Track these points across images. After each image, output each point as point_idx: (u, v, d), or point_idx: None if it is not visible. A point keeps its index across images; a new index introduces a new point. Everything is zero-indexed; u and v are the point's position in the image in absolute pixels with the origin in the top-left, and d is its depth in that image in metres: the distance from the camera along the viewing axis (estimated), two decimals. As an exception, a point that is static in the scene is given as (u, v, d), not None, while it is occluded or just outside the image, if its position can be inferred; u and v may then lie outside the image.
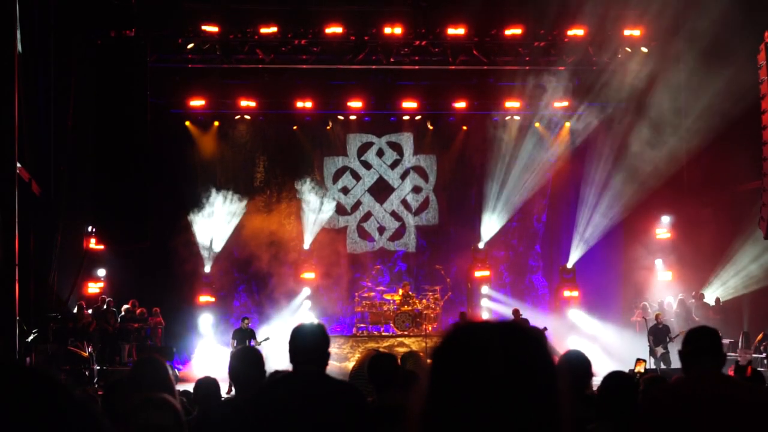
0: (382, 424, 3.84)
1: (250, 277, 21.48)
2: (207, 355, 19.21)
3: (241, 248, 21.54)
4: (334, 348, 16.28)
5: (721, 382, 3.53)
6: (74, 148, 15.81)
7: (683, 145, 20.02)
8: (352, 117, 22.03)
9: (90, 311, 17.49)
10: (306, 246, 21.68)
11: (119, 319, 18.23)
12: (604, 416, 4.20)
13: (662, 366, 16.51)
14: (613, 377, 4.44)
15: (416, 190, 22.68)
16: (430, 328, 19.61)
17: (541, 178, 22.08)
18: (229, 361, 4.24)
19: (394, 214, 22.61)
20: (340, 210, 22.40)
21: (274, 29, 18.39)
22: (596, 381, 4.58)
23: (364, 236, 22.52)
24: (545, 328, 13.69)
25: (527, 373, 1.33)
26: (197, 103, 20.76)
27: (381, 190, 22.62)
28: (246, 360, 4.19)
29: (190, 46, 18.75)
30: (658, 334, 17.16)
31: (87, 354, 15.81)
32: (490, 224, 21.89)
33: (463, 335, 1.40)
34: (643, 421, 3.59)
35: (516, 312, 18.25)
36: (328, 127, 22.07)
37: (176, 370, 17.34)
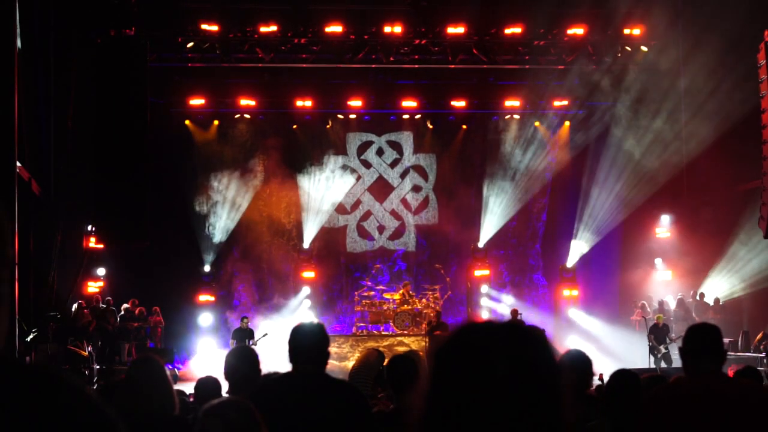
0: (401, 426, 3.83)
1: (250, 277, 21.48)
2: (207, 355, 19.21)
3: (241, 247, 21.55)
4: (334, 347, 16.31)
5: (722, 381, 3.53)
6: (74, 148, 15.80)
7: (683, 144, 20.01)
8: (352, 116, 22.03)
9: (87, 311, 17.48)
10: (306, 245, 21.68)
11: (119, 319, 18.22)
12: (610, 414, 4.20)
13: (663, 365, 16.51)
14: (619, 376, 4.44)
15: (416, 189, 22.67)
16: (429, 328, 19.60)
17: (541, 178, 22.08)
18: (225, 359, 4.24)
19: (393, 213, 22.61)
20: (339, 209, 22.39)
21: (273, 28, 18.38)
22: (596, 380, 4.58)
23: (364, 235, 22.51)
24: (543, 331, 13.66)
25: (531, 373, 1.32)
26: (197, 102, 20.76)
27: (381, 189, 22.61)
28: (241, 359, 4.18)
29: (190, 45, 18.73)
30: (659, 334, 17.16)
31: (87, 353, 15.80)
32: (490, 223, 21.88)
33: (467, 335, 1.39)
34: (644, 421, 3.59)
35: (514, 312, 18.24)
36: (327, 126, 22.06)
37: (176, 370, 17.34)
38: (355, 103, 21.24)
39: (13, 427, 1.07)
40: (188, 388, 6.75)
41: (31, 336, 13.12)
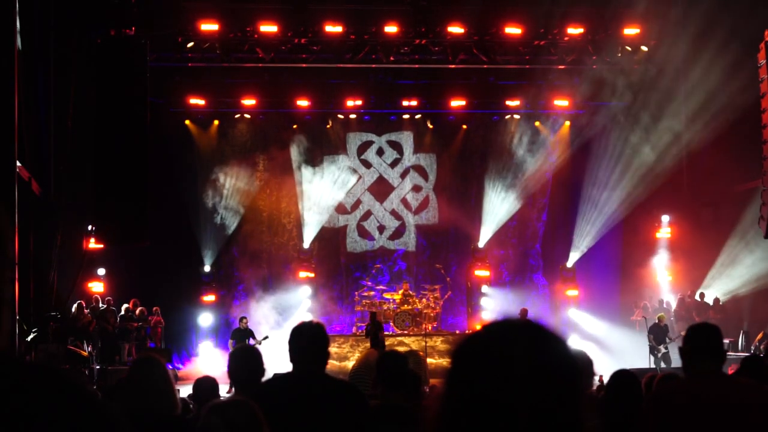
0: (387, 423, 3.83)
1: (250, 277, 21.47)
2: (207, 355, 19.22)
3: (241, 247, 21.55)
4: (334, 347, 16.32)
5: (722, 382, 3.53)
6: (74, 148, 15.79)
7: (683, 144, 20.02)
8: (352, 116, 22.03)
9: (87, 311, 17.48)
10: (306, 245, 21.69)
11: (119, 319, 18.23)
12: (609, 414, 4.20)
13: (662, 365, 16.52)
14: (620, 376, 4.45)
15: (416, 189, 22.67)
16: (429, 328, 19.60)
17: (541, 178, 22.08)
18: (228, 360, 4.23)
19: (394, 213, 22.60)
20: (340, 209, 22.39)
21: (273, 28, 18.37)
22: (595, 381, 4.58)
23: (364, 235, 22.51)
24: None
25: (550, 372, 1.31)
26: (197, 102, 20.76)
27: (381, 188, 22.61)
28: (245, 359, 4.18)
29: (190, 45, 18.73)
30: (659, 333, 17.17)
31: (87, 353, 15.80)
32: (490, 223, 21.88)
33: (486, 335, 1.39)
34: (644, 421, 3.59)
35: (524, 311, 18.22)
36: (327, 126, 22.06)
37: (176, 370, 17.34)
38: (355, 102, 21.24)
39: (15, 426, 1.07)
40: (188, 388, 6.76)
41: (31, 336, 13.13)
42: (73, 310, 16.91)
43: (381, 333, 16.59)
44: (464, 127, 22.33)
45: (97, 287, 18.82)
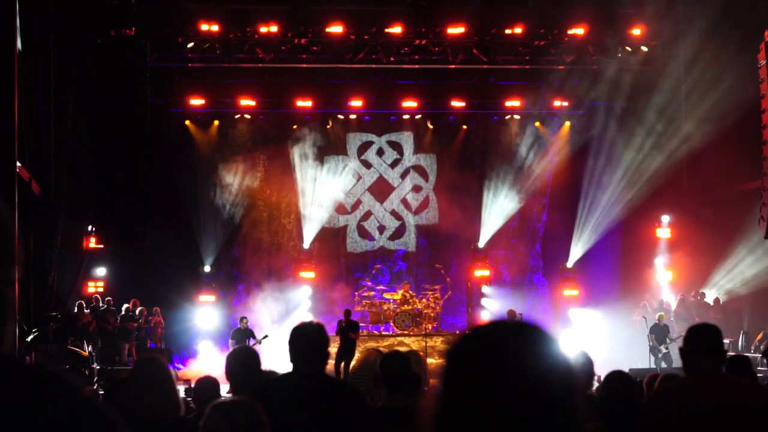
0: (390, 424, 3.83)
1: (249, 277, 21.47)
2: (207, 355, 19.21)
3: (241, 247, 21.55)
4: (334, 348, 16.30)
5: (723, 383, 3.53)
6: (74, 148, 15.80)
7: (683, 144, 20.02)
8: (352, 116, 22.02)
9: (87, 311, 17.49)
10: (306, 245, 21.68)
11: (119, 319, 18.23)
12: (605, 415, 4.20)
13: (663, 365, 16.52)
14: (613, 378, 4.44)
15: (416, 189, 22.66)
16: (430, 328, 19.59)
17: (541, 178, 22.08)
18: (226, 360, 4.24)
19: (394, 214, 22.60)
20: (340, 209, 22.39)
21: (274, 28, 18.40)
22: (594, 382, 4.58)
23: (364, 235, 22.50)
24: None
25: (543, 374, 1.32)
26: (197, 102, 20.76)
27: (381, 189, 22.60)
28: (242, 359, 4.19)
29: (190, 45, 18.75)
30: (659, 334, 17.17)
31: (87, 353, 15.80)
32: (490, 223, 21.87)
33: (479, 336, 1.39)
34: (644, 422, 3.59)
35: (511, 313, 18.22)
36: (328, 126, 22.05)
37: (176, 370, 17.33)
38: (356, 103, 21.24)
39: (13, 427, 1.07)
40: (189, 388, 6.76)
41: (31, 336, 13.13)
42: (74, 310, 16.92)
43: (354, 333, 16.59)
44: (464, 127, 22.32)
45: (97, 287, 18.81)
